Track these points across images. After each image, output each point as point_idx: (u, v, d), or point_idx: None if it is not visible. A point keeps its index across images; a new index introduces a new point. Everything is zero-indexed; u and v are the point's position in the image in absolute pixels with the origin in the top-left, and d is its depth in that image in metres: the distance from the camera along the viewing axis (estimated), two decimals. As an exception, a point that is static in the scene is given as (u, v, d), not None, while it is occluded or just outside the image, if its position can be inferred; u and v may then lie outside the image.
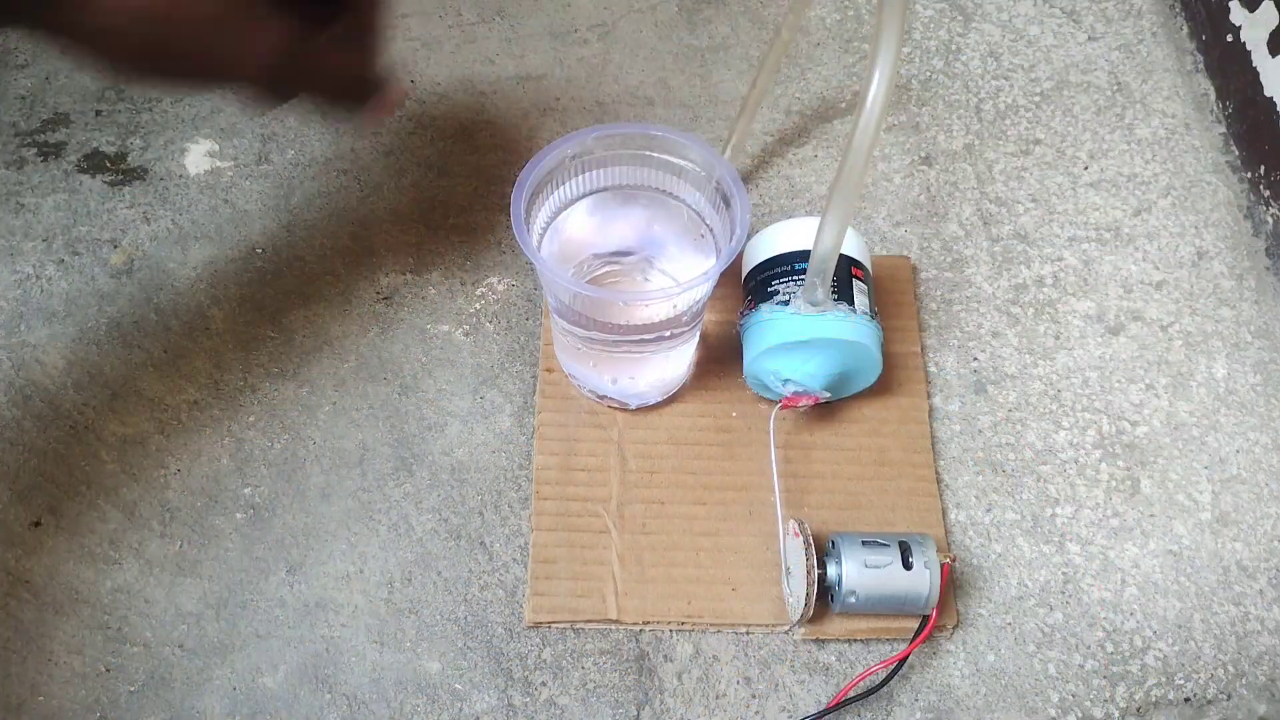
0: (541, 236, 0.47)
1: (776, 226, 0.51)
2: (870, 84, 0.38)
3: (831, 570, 0.46)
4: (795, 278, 0.48)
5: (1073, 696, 0.47)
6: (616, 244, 0.51)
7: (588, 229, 0.50)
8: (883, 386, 0.52)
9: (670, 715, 0.47)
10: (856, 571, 0.45)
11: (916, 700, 0.47)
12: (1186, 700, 0.47)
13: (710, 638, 0.48)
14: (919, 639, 0.46)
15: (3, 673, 0.47)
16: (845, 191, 0.41)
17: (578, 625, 0.48)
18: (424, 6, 0.68)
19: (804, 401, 0.49)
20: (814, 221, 0.50)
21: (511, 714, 0.46)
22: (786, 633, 0.48)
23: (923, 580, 0.45)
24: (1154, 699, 0.47)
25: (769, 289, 0.49)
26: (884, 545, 0.46)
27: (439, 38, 0.67)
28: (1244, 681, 0.48)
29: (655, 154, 0.47)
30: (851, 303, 0.48)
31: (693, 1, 0.69)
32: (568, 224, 0.49)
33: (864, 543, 0.46)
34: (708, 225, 0.48)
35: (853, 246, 0.50)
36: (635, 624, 0.48)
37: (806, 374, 0.49)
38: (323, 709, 0.46)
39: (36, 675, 0.47)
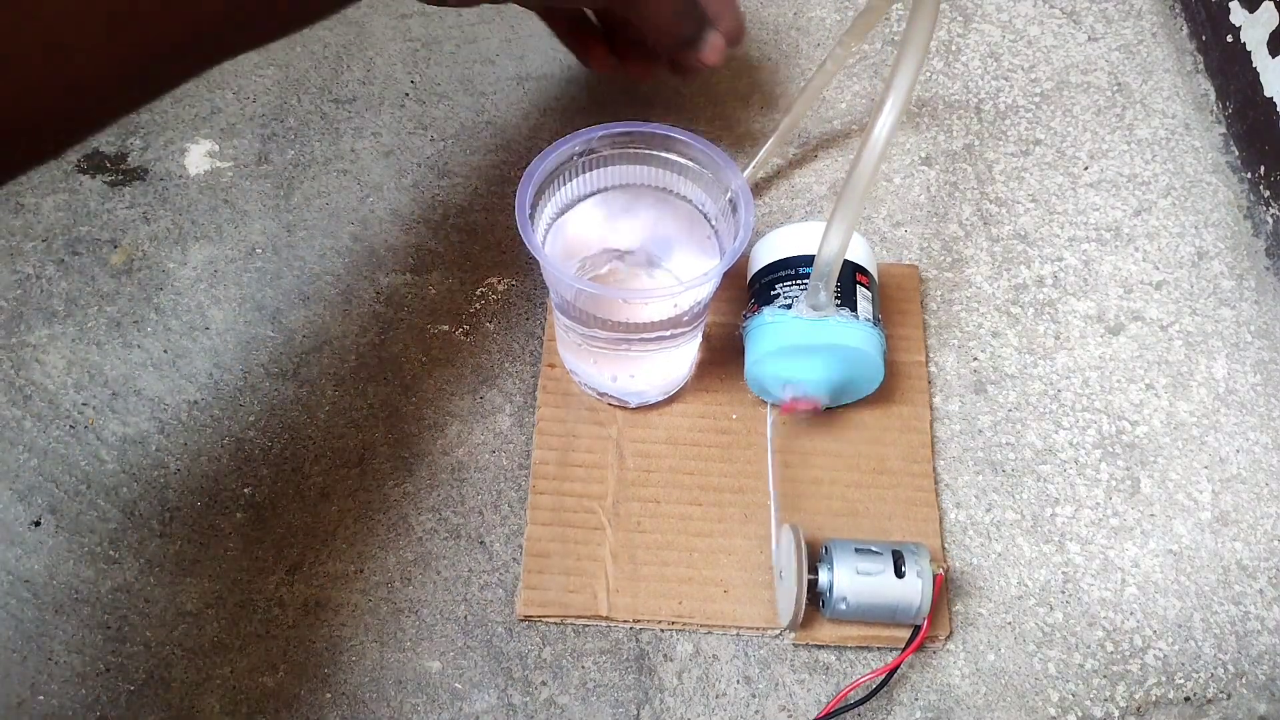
0: (546, 233, 0.47)
1: (783, 230, 0.51)
2: (890, 89, 0.38)
3: (823, 576, 0.46)
4: (799, 282, 0.48)
5: (1073, 696, 0.47)
6: (621, 242, 0.51)
7: (593, 226, 0.50)
8: (885, 394, 0.52)
9: (670, 715, 0.47)
10: (848, 578, 0.45)
11: (916, 700, 0.47)
12: (1186, 699, 0.47)
13: (710, 637, 0.48)
14: (909, 650, 0.46)
15: (3, 673, 0.47)
16: (851, 198, 0.41)
17: (568, 620, 0.48)
18: (424, 6, 0.68)
19: (803, 407, 0.49)
20: (820, 226, 0.50)
21: (511, 713, 0.46)
22: (776, 637, 0.48)
23: (914, 590, 0.45)
24: (1154, 698, 0.47)
25: (772, 292, 0.49)
26: (877, 553, 0.45)
27: (439, 38, 0.67)
28: (1244, 681, 0.48)
29: (662, 153, 0.47)
30: (854, 309, 0.48)
31: (693, 2, 0.69)
32: (572, 221, 0.49)
33: (857, 550, 0.46)
34: (713, 226, 0.48)
35: (858, 253, 0.50)
36: (625, 621, 0.48)
37: (808, 378, 0.49)
38: (322, 708, 0.46)
39: (36, 675, 0.47)
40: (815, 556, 0.47)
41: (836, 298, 0.47)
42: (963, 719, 0.47)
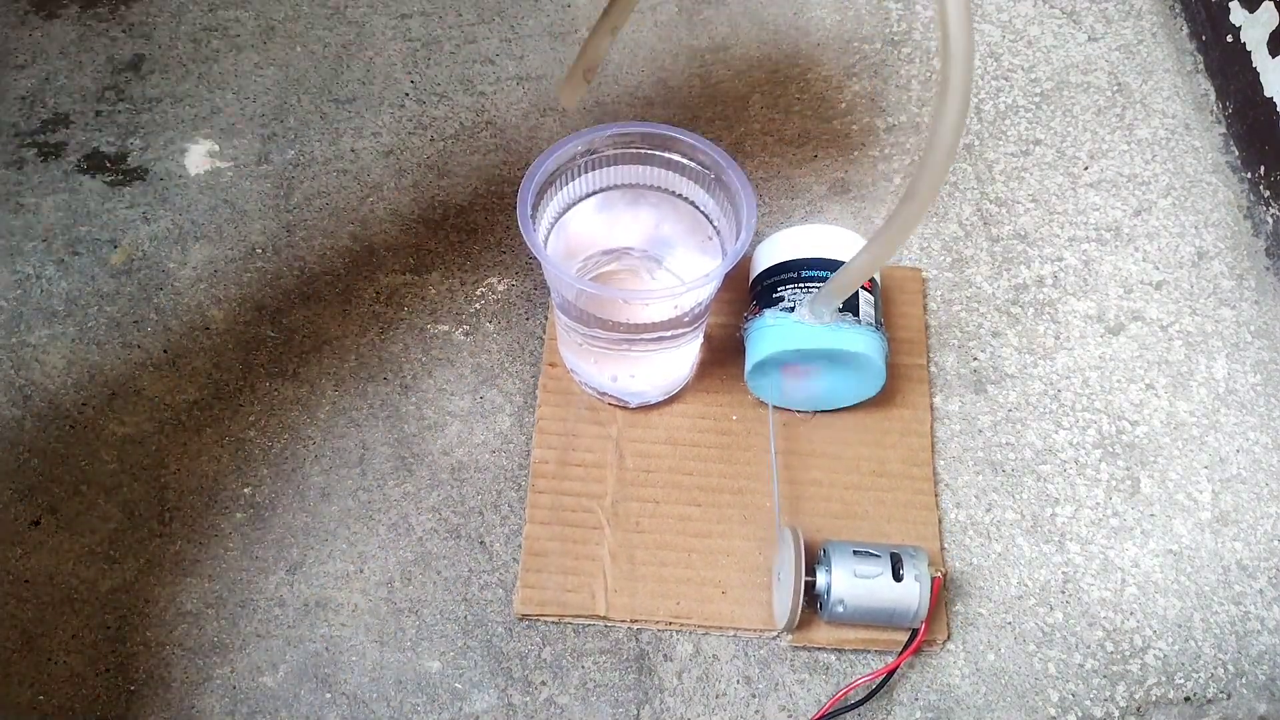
0: (548, 233, 0.47)
1: (786, 232, 0.51)
2: (940, 127, 0.35)
3: (821, 578, 0.45)
4: (802, 285, 0.48)
5: (1073, 696, 0.47)
6: (623, 242, 0.51)
7: (595, 226, 0.50)
8: (886, 397, 0.52)
9: (670, 714, 0.47)
10: (846, 581, 0.45)
11: (916, 700, 0.47)
12: (1186, 699, 0.47)
13: (710, 637, 0.48)
14: (905, 653, 0.45)
15: (3, 673, 0.47)
16: (893, 234, 0.39)
17: (566, 619, 0.48)
18: (424, 6, 0.68)
19: (802, 373, 0.49)
20: (824, 229, 0.50)
21: (511, 713, 0.46)
22: (774, 639, 0.48)
23: (912, 593, 0.44)
24: (1154, 698, 0.47)
25: (775, 294, 0.49)
26: (875, 556, 0.45)
27: (439, 38, 0.67)
28: (1244, 681, 0.48)
29: (665, 154, 0.47)
30: (856, 313, 0.47)
31: (692, 2, 0.69)
32: (574, 220, 0.49)
33: (855, 552, 0.46)
34: (715, 227, 0.48)
35: None
36: (623, 621, 0.48)
37: (808, 381, 0.49)
38: (323, 708, 0.46)
39: (36, 675, 0.47)
40: (813, 559, 0.47)
41: None
42: (963, 719, 0.47)
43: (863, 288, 0.49)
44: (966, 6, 0.33)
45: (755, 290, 0.51)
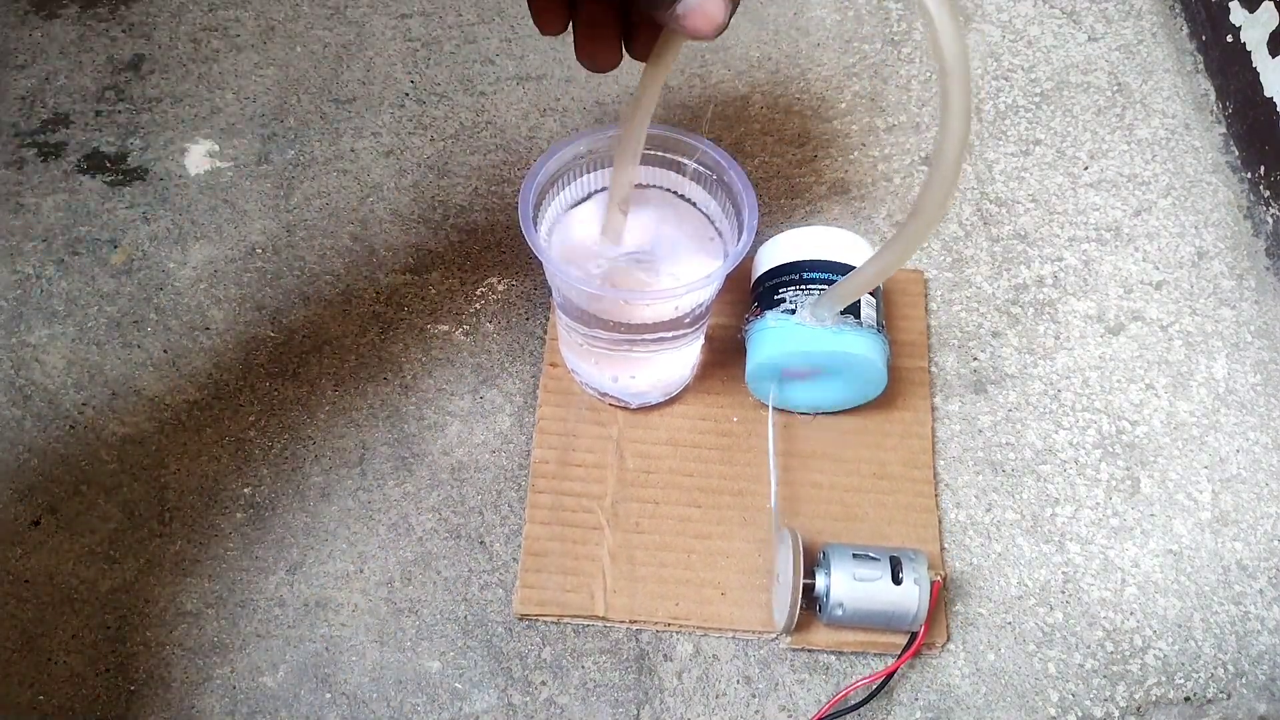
0: (549, 233, 0.47)
1: (788, 234, 0.51)
2: (946, 143, 0.34)
3: (820, 581, 0.45)
4: (804, 286, 0.48)
5: (1073, 696, 0.47)
6: (624, 243, 0.51)
7: (595, 227, 0.50)
8: (887, 400, 0.52)
9: (670, 714, 0.47)
10: (845, 583, 0.45)
11: (916, 699, 0.47)
12: (1186, 699, 0.47)
13: (710, 637, 0.48)
14: (904, 656, 0.45)
15: (3, 673, 0.47)
16: (901, 248, 0.39)
17: (565, 619, 0.48)
18: (424, 6, 0.68)
19: (803, 375, 0.49)
20: (826, 231, 0.50)
21: (511, 713, 0.46)
22: (773, 640, 0.48)
23: (911, 597, 0.44)
24: (1154, 698, 0.47)
25: (776, 296, 0.49)
26: (875, 559, 0.45)
27: (439, 38, 0.67)
28: (1244, 681, 0.48)
29: (666, 154, 0.47)
30: (858, 315, 0.47)
31: (693, 2, 0.69)
32: (575, 221, 0.49)
33: (854, 555, 0.46)
34: (717, 229, 0.48)
35: (863, 259, 0.50)
36: (622, 621, 0.48)
37: (809, 384, 0.49)
38: (323, 708, 0.46)
39: (36, 675, 0.47)
40: (813, 561, 0.47)
41: None
42: (963, 719, 0.47)
43: (864, 290, 0.49)
44: (955, 17, 0.32)
45: (757, 292, 0.51)
